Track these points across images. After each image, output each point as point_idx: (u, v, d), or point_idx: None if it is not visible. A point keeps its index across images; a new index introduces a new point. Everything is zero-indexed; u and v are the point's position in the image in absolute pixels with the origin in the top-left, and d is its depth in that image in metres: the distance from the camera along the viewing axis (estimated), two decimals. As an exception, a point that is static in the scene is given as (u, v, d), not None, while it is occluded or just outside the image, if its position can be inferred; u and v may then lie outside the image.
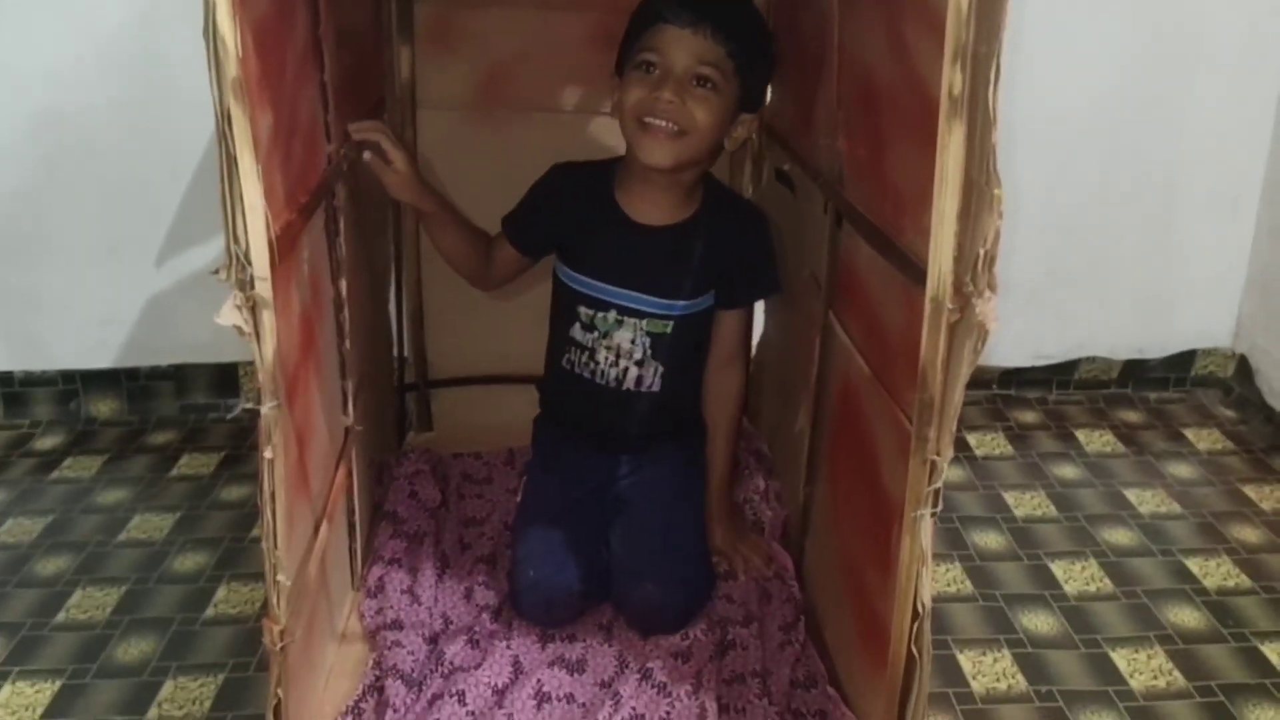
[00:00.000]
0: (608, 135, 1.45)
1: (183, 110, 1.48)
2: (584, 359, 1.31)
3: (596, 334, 1.30)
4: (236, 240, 0.76)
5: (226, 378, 1.72)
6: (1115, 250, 1.76)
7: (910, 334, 0.89)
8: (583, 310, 1.30)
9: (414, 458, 1.50)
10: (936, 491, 0.81)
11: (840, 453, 1.12)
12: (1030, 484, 1.56)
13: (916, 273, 0.86)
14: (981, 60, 0.72)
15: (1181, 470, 1.60)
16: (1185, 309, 1.81)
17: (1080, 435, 1.70)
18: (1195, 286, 1.79)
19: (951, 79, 0.73)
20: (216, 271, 0.77)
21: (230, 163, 0.73)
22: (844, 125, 1.11)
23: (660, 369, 1.30)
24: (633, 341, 1.29)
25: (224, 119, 0.72)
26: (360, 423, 1.23)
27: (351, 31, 1.21)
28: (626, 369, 1.30)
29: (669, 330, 1.29)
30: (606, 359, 1.30)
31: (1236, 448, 1.67)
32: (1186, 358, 1.83)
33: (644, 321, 1.28)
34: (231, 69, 0.71)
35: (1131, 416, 1.77)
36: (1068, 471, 1.59)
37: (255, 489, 0.83)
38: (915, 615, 0.85)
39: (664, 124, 1.18)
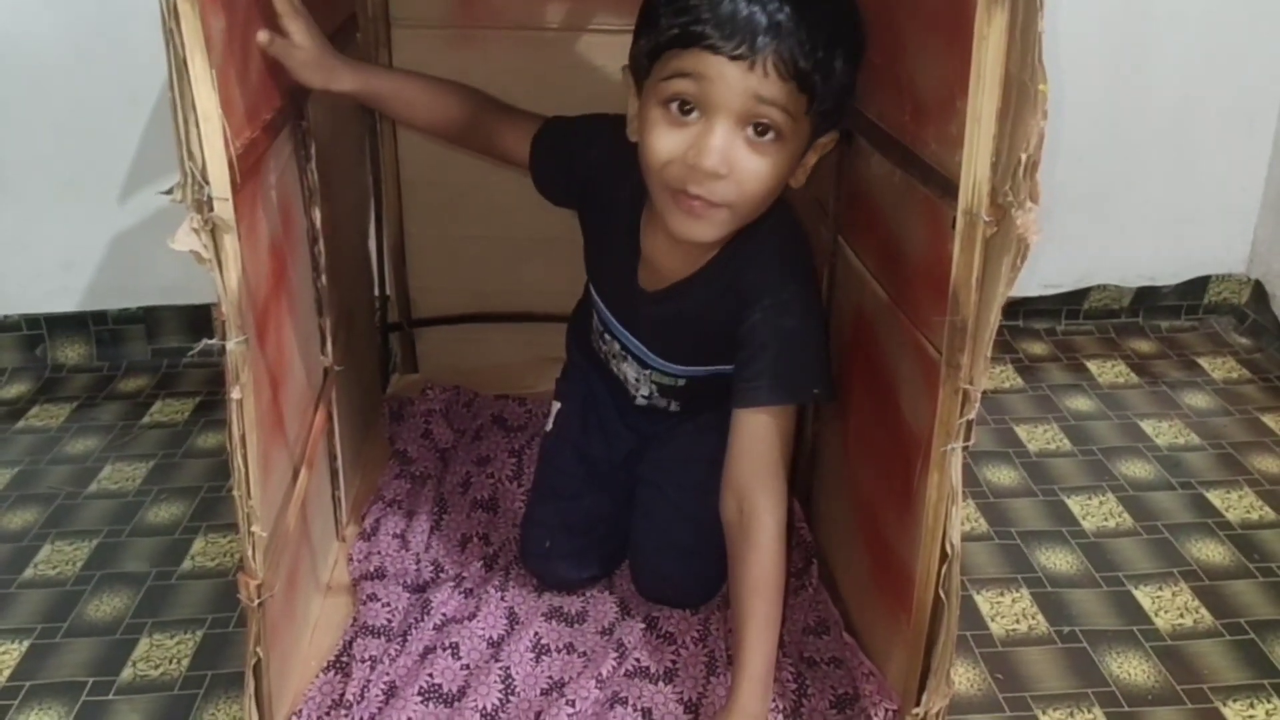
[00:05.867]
0: (598, 55, 1.36)
1: (139, 30, 1.37)
2: (606, 352, 1.16)
3: (606, 349, 1.15)
4: (191, 155, 0.68)
5: (200, 320, 1.64)
6: (1124, 172, 1.68)
7: (934, 253, 0.82)
8: (596, 316, 1.13)
9: (435, 395, 1.43)
10: (969, 424, 0.75)
11: (852, 386, 1.05)
12: (1042, 417, 1.50)
13: (943, 184, 0.79)
14: (1028, -62, 0.64)
15: (1198, 400, 1.55)
16: (1198, 233, 1.74)
17: (1092, 366, 1.64)
18: (1208, 210, 1.72)
19: (992, -40, 0.65)
20: (169, 191, 0.69)
21: (180, 66, 0.65)
22: (856, 32, 1.02)
23: (675, 403, 1.13)
24: (638, 380, 1.12)
25: (171, 15, 0.64)
26: (340, 363, 1.15)
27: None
28: (638, 391, 1.14)
29: (680, 384, 1.10)
30: (619, 371, 1.14)
31: (1253, 376, 1.61)
32: (1199, 284, 1.76)
33: (649, 372, 1.11)
34: (178, -41, 0.63)
35: (1143, 346, 1.71)
36: (1080, 404, 1.53)
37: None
38: (944, 557, 0.78)
39: (704, 196, 0.89)
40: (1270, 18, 1.61)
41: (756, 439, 0.95)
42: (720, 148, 0.86)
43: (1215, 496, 1.32)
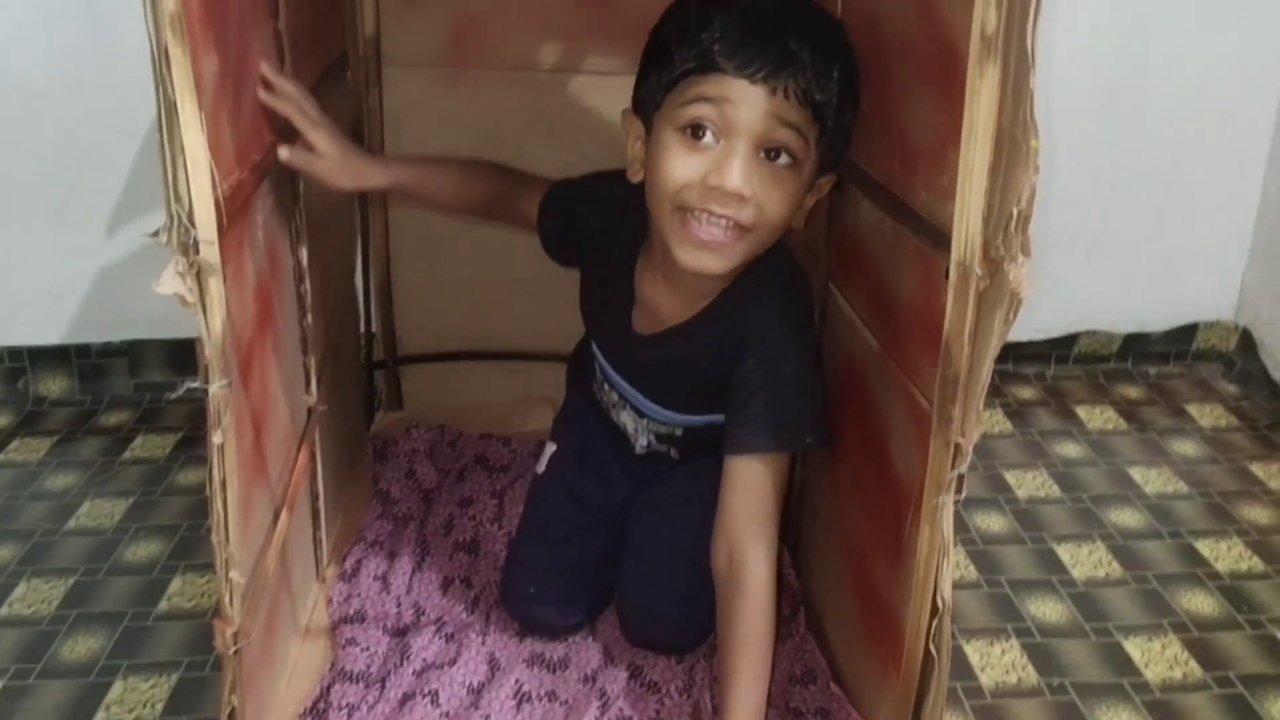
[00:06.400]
0: (591, 97, 1.37)
1: (131, 62, 1.37)
2: (605, 402, 1.15)
3: (604, 399, 1.14)
4: (178, 198, 0.67)
5: (184, 354, 1.62)
6: (1115, 217, 1.69)
7: (926, 303, 0.82)
8: (595, 364, 1.14)
9: (419, 434, 1.42)
10: (960, 477, 0.74)
11: (844, 433, 1.04)
12: (1032, 463, 1.49)
13: (935, 235, 0.79)
14: (1020, -6, 0.64)
15: (1186, 448, 1.54)
16: (1187, 280, 1.74)
17: (1081, 412, 1.64)
18: (1197, 256, 1.73)
19: (985, 16, 0.65)
20: (155, 234, 0.68)
21: (169, 109, 0.65)
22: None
23: (675, 450, 1.12)
24: (635, 430, 1.12)
25: (161, 58, 0.63)
26: (324, 402, 1.14)
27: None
28: (637, 441, 1.13)
29: (677, 433, 1.10)
30: (619, 420, 1.14)
31: (1241, 424, 1.61)
32: (1188, 331, 1.77)
33: (645, 421, 1.11)
34: (170, 1, 0.62)
35: (1132, 392, 1.70)
36: (1070, 450, 1.53)
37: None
38: (935, 611, 0.77)
39: (723, 221, 0.89)
40: (1258, 67, 1.63)
41: (749, 487, 0.94)
42: (743, 169, 0.86)
43: (1204, 546, 1.32)
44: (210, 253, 0.69)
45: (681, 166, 0.88)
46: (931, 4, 0.77)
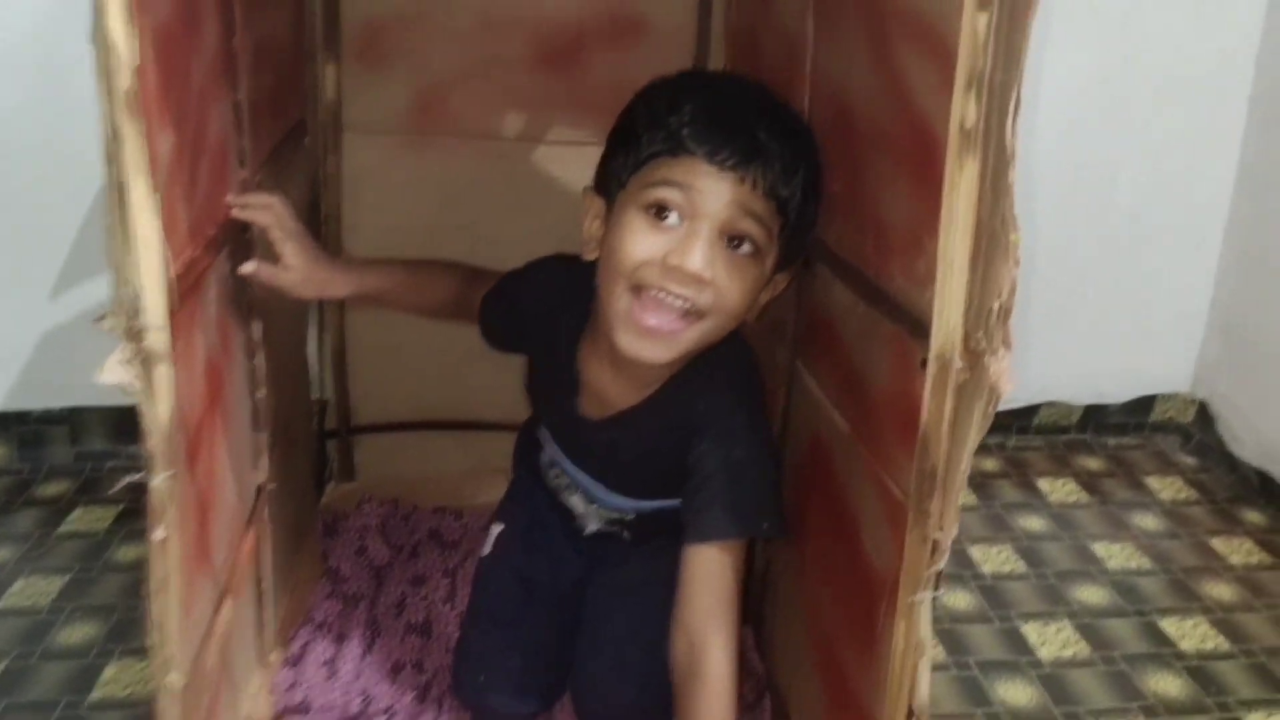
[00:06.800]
0: (557, 166, 1.35)
1: (80, 126, 1.33)
2: (555, 485, 1.11)
3: (552, 481, 1.11)
4: (125, 282, 0.63)
5: (127, 422, 1.54)
6: (1076, 290, 1.70)
7: (899, 389, 0.80)
8: (544, 443, 1.10)
9: (371, 509, 1.37)
10: (939, 573, 0.72)
11: (808, 513, 1.02)
12: (996, 537, 1.48)
13: (912, 323, 0.77)
14: (999, 89, 0.63)
15: (1147, 522, 1.54)
16: (1145, 352, 1.76)
17: (1042, 484, 1.63)
18: (1156, 329, 1.74)
19: (964, 110, 0.64)
20: (101, 318, 0.64)
21: (119, 191, 0.61)
22: (815, 158, 1.02)
23: (627, 533, 1.08)
24: (584, 512, 1.08)
25: (113, 137, 0.60)
26: (274, 479, 1.10)
27: (270, 44, 1.09)
28: (586, 525, 1.09)
29: (628, 518, 1.07)
30: (568, 502, 1.10)
31: (1200, 497, 1.62)
32: (1145, 403, 1.78)
33: (595, 506, 1.07)
34: (124, 79, 0.59)
35: (1092, 464, 1.70)
36: (1033, 523, 1.52)
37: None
38: (909, 715, 0.75)
39: (679, 303, 0.86)
40: (1217, 142, 1.66)
41: (709, 575, 0.91)
42: (706, 252, 0.84)
43: (1170, 625, 1.31)
44: (158, 340, 0.66)
45: (644, 244, 0.86)
46: (908, 94, 0.77)
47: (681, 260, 0.84)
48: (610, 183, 0.91)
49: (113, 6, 0.57)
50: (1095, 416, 1.77)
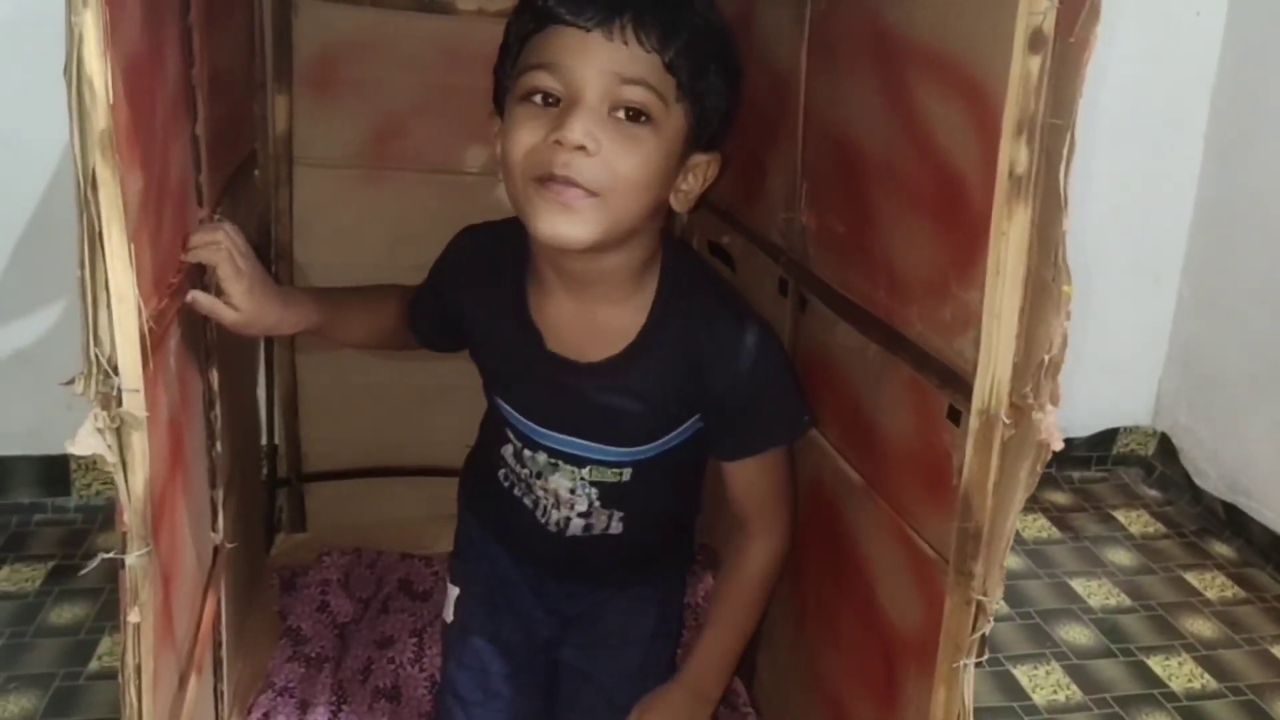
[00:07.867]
0: (521, 202, 1.29)
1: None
2: (522, 487, 1.00)
3: (529, 471, 0.99)
4: (98, 341, 0.56)
5: (56, 472, 1.47)
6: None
7: (924, 440, 0.76)
8: (512, 436, 0.99)
9: (332, 561, 1.29)
10: (983, 638, 0.68)
11: (809, 557, 0.97)
12: (973, 577, 1.45)
13: (937, 371, 0.74)
14: (1052, 134, 0.60)
15: (1120, 557, 1.53)
16: (1107, 386, 1.76)
17: (1014, 520, 1.61)
18: (1116, 362, 1.75)
19: (1013, 156, 0.61)
20: (71, 382, 0.57)
21: (94, 241, 0.54)
22: (809, 197, 0.98)
23: (619, 514, 0.98)
24: (573, 491, 0.97)
25: (88, 184, 0.53)
26: (232, 539, 1.02)
27: (225, 74, 1.02)
28: (569, 518, 0.98)
29: (625, 478, 0.96)
30: (546, 499, 0.99)
31: (1168, 530, 1.61)
32: (1108, 436, 1.78)
33: (586, 470, 0.96)
34: (101, 119, 0.53)
35: (1059, 498, 1.69)
36: (1011, 561, 1.50)
37: (92, 611, 0.63)
38: (953, 789, 0.70)
39: (574, 176, 0.79)
40: (1174, 176, 1.67)
41: (750, 483, 0.95)
42: (584, 121, 0.78)
43: (1156, 664, 1.29)
44: (134, 403, 0.58)
45: (526, 132, 0.80)
46: (929, 136, 0.73)
47: (560, 133, 0.78)
48: (500, 95, 0.87)
49: (89, 35, 0.51)
50: (1060, 450, 1.75)
